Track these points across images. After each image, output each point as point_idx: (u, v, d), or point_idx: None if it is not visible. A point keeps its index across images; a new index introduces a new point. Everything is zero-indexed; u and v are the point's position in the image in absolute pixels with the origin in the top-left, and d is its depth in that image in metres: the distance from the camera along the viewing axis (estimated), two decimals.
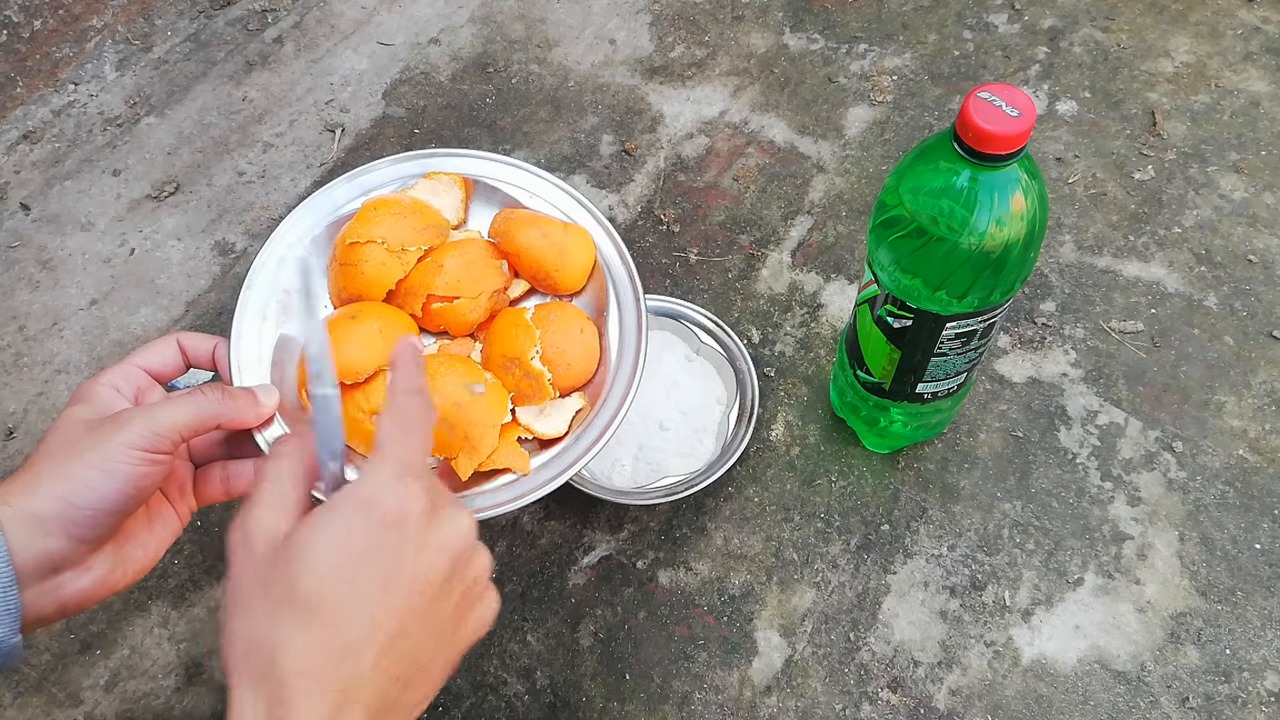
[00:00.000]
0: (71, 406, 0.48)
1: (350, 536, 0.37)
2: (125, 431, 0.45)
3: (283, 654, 0.35)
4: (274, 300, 0.59)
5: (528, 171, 0.64)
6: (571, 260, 0.61)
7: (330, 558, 0.37)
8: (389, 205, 0.60)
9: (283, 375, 0.57)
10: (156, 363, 0.52)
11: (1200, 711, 0.62)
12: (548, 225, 0.61)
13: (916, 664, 0.65)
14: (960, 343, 0.59)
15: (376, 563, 0.37)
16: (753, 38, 1.00)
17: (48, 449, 0.45)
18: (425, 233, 0.60)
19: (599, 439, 0.55)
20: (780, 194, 0.88)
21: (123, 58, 1.01)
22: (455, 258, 0.60)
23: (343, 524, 0.38)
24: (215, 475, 0.54)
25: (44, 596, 0.44)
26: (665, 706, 0.64)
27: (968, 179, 0.50)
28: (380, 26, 1.04)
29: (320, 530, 0.38)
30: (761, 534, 0.70)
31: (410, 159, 0.64)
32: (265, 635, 0.36)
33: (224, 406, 0.50)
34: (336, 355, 0.54)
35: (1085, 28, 0.98)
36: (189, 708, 0.64)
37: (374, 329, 0.56)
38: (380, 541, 0.38)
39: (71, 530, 0.44)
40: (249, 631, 0.37)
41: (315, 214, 0.62)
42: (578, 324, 0.60)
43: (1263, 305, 0.79)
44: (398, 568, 0.38)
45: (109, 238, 0.88)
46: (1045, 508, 0.70)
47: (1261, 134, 0.89)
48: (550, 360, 0.58)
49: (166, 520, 0.51)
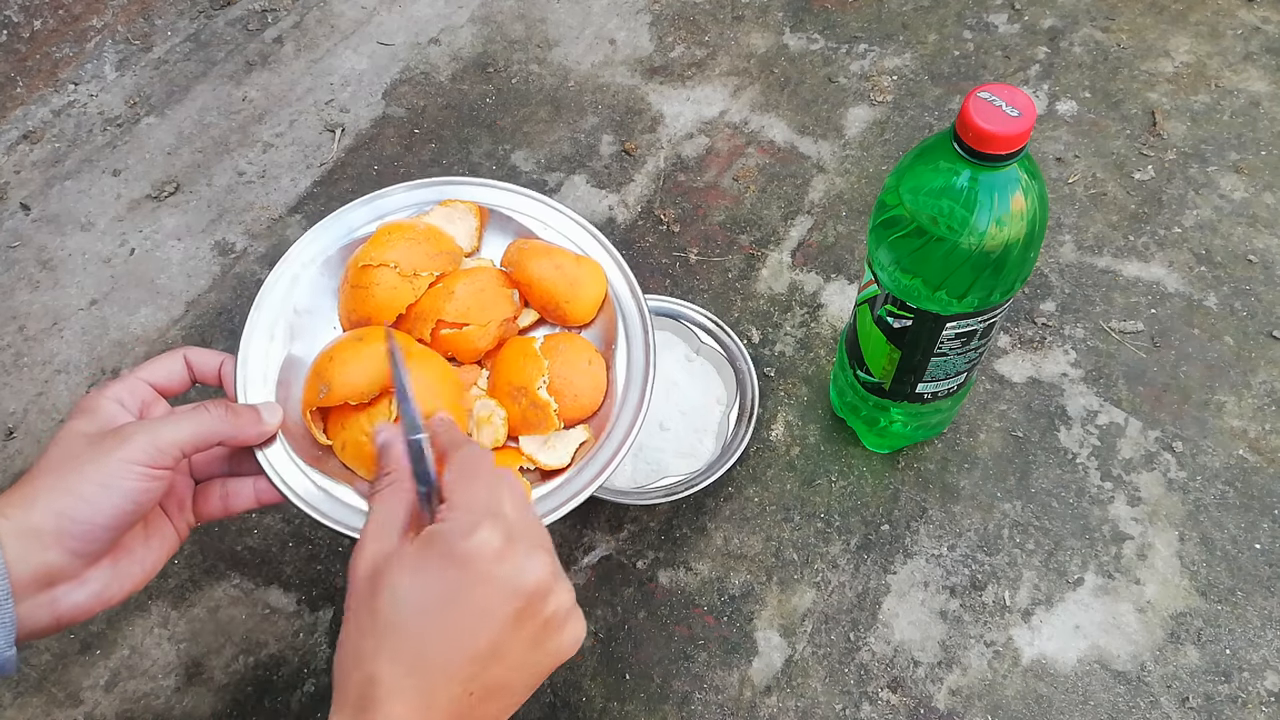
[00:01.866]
0: (74, 419, 0.47)
1: (423, 575, 0.41)
2: (126, 447, 0.45)
3: (381, 687, 0.39)
4: (282, 320, 0.59)
5: (542, 203, 0.64)
6: (582, 293, 0.61)
7: (405, 593, 0.40)
8: (403, 230, 0.60)
9: (288, 395, 0.56)
10: (162, 377, 0.52)
11: (1200, 711, 0.62)
12: (560, 257, 0.61)
13: (916, 664, 0.65)
14: (960, 343, 0.59)
15: (444, 600, 0.40)
16: (753, 38, 1.00)
17: (48, 462, 0.45)
18: (438, 259, 0.60)
19: (602, 472, 0.55)
20: (780, 194, 0.88)
21: (123, 58, 1.01)
22: (466, 285, 0.60)
23: (415, 563, 0.41)
24: (215, 492, 0.54)
25: (40, 609, 0.44)
26: (665, 706, 0.64)
27: (968, 179, 0.50)
28: (380, 26, 1.04)
29: (395, 565, 0.41)
30: (761, 534, 0.70)
31: (426, 185, 0.64)
32: (357, 651, 0.40)
33: (227, 424, 0.50)
34: (341, 375, 0.55)
35: (1085, 28, 0.98)
36: (189, 708, 0.64)
37: (380, 351, 0.56)
38: (446, 579, 0.40)
39: (69, 544, 0.44)
40: (351, 650, 0.41)
41: (329, 235, 0.62)
42: (586, 356, 0.60)
43: (1263, 305, 0.79)
44: (465, 603, 0.40)
45: (109, 238, 0.88)
46: (1045, 508, 0.70)
47: (1261, 134, 0.89)
48: (557, 391, 0.58)
49: (164, 535, 0.51)
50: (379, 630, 0.40)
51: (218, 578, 0.69)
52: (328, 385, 0.55)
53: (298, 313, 0.60)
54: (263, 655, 0.66)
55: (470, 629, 0.40)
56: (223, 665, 0.66)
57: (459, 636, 0.40)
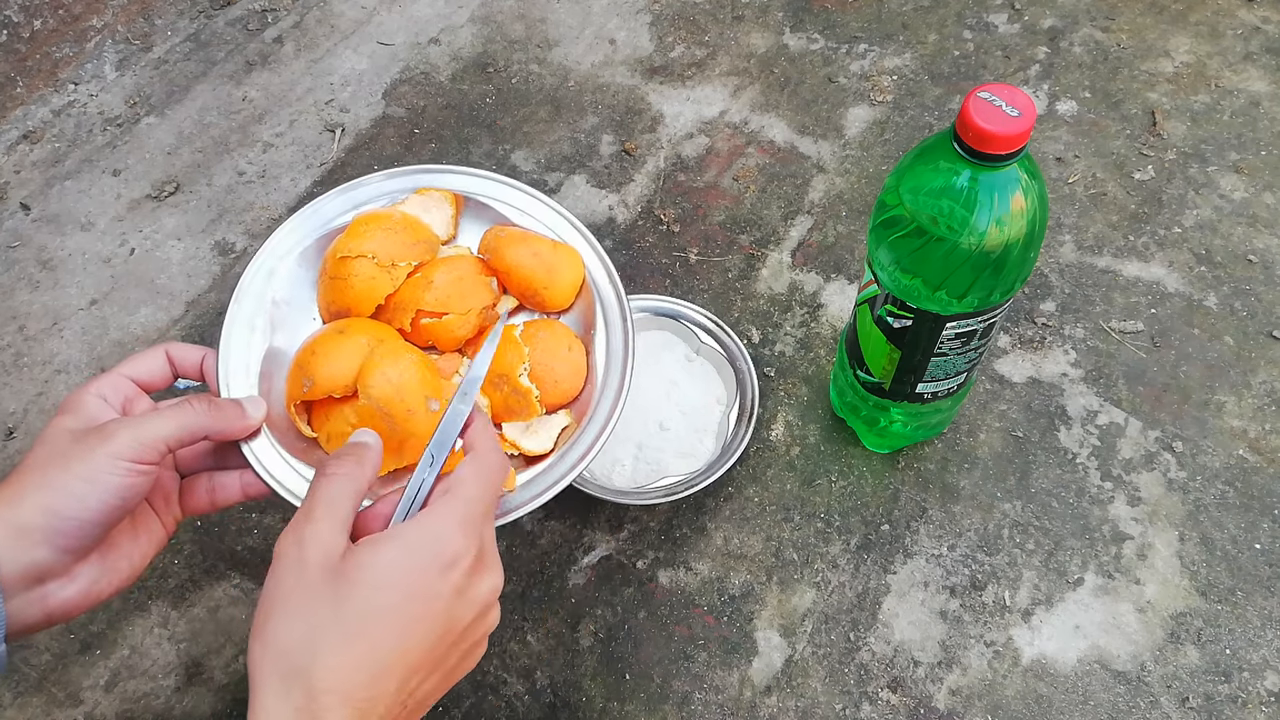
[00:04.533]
0: (59, 416, 0.48)
1: (408, 572, 0.41)
2: (111, 442, 0.45)
3: (319, 666, 0.38)
4: (263, 312, 0.59)
5: (518, 189, 0.64)
6: (560, 279, 0.61)
7: (385, 587, 0.40)
8: (380, 220, 0.61)
9: (271, 387, 0.57)
10: (144, 373, 0.52)
11: (1200, 711, 0.62)
12: (537, 243, 0.61)
13: (916, 664, 0.65)
14: (960, 343, 0.59)
15: (421, 602, 0.41)
16: (753, 38, 1.00)
17: (34, 460, 0.45)
18: (415, 248, 0.60)
19: (585, 456, 0.55)
20: (780, 194, 0.88)
21: (123, 58, 1.01)
22: (445, 274, 0.60)
23: (404, 557, 0.41)
24: (201, 486, 0.54)
25: (30, 606, 0.44)
26: (665, 706, 0.64)
27: (968, 179, 0.50)
28: (380, 26, 1.04)
29: (383, 557, 0.41)
30: (761, 534, 0.70)
31: (402, 174, 0.64)
32: (305, 644, 0.38)
33: (211, 418, 0.50)
34: (323, 369, 0.55)
35: (1085, 28, 0.98)
36: (189, 708, 0.64)
37: (362, 344, 0.56)
38: (429, 582, 0.41)
39: (57, 541, 0.44)
40: (288, 637, 0.39)
41: (305, 227, 0.62)
42: (566, 342, 0.60)
43: (1263, 305, 0.79)
44: (436, 610, 0.41)
45: (109, 238, 0.88)
46: (1045, 508, 0.70)
47: (1261, 134, 0.89)
48: (538, 378, 0.58)
49: (152, 530, 0.51)
50: (343, 626, 0.39)
51: (218, 578, 0.69)
52: (311, 379, 0.55)
53: (276, 304, 0.60)
54: None
55: (433, 638, 0.41)
56: (223, 665, 0.66)
57: (423, 648, 0.41)
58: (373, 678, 0.39)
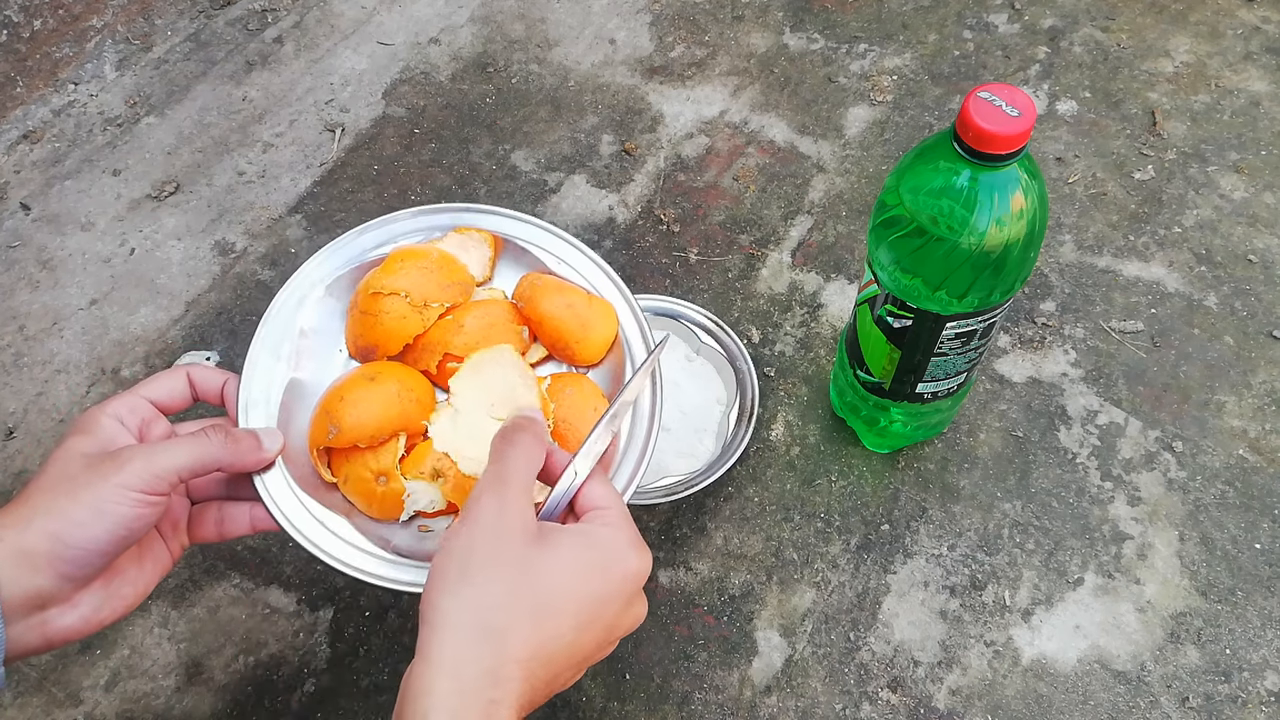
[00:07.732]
0: (72, 436, 0.47)
1: (598, 570, 0.43)
2: (123, 472, 0.44)
3: (514, 635, 0.40)
4: (289, 340, 0.58)
5: (558, 237, 0.63)
6: (593, 334, 0.60)
7: (577, 576, 0.43)
8: (416, 256, 0.60)
9: (290, 418, 0.56)
10: (164, 395, 0.51)
11: (1200, 711, 0.62)
12: (573, 295, 0.60)
13: (916, 664, 0.65)
14: (960, 343, 0.59)
15: (601, 603, 0.43)
16: (753, 37, 1.00)
17: (44, 482, 0.45)
18: (449, 290, 0.59)
19: None
20: (780, 194, 0.88)
21: (123, 58, 1.01)
22: (476, 318, 0.59)
23: (597, 555, 0.44)
24: (210, 516, 0.53)
25: (30, 631, 0.44)
26: (665, 706, 0.64)
27: (968, 179, 0.50)
28: (380, 26, 1.04)
29: (575, 547, 0.43)
30: (761, 534, 0.70)
31: (442, 211, 0.63)
32: (504, 608, 0.40)
33: (226, 451, 0.49)
34: (350, 416, 0.54)
35: (1085, 28, 0.98)
36: (189, 708, 0.64)
37: (392, 391, 0.55)
38: (612, 588, 0.44)
39: (61, 568, 0.43)
40: (489, 594, 0.41)
41: (340, 257, 0.61)
42: (592, 403, 0.59)
43: (1263, 305, 0.79)
44: (609, 614, 0.44)
45: (109, 238, 0.88)
46: (1045, 508, 0.70)
47: (1261, 134, 0.89)
48: (561, 435, 0.57)
49: (158, 556, 0.50)
50: (538, 605, 0.41)
51: (218, 578, 0.69)
52: (337, 426, 0.54)
53: (304, 334, 0.59)
54: (263, 655, 0.66)
55: (596, 637, 0.43)
56: (223, 665, 0.66)
57: (586, 642, 0.43)
58: (549, 658, 0.41)
